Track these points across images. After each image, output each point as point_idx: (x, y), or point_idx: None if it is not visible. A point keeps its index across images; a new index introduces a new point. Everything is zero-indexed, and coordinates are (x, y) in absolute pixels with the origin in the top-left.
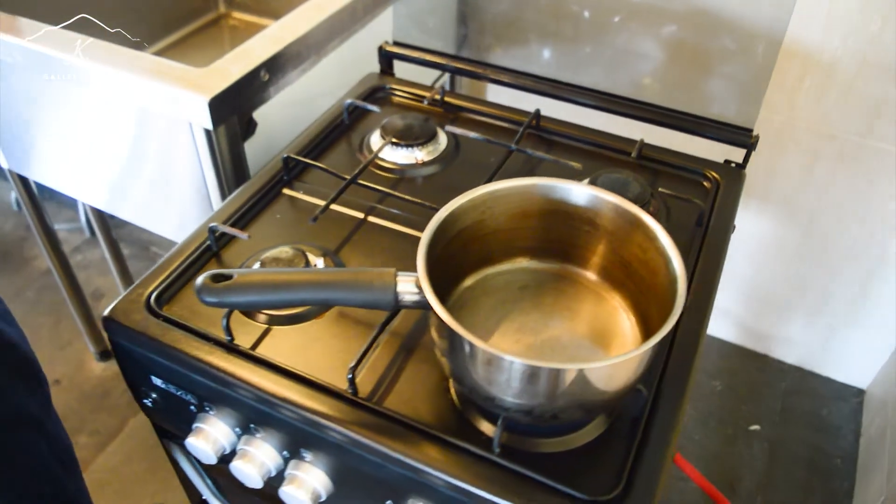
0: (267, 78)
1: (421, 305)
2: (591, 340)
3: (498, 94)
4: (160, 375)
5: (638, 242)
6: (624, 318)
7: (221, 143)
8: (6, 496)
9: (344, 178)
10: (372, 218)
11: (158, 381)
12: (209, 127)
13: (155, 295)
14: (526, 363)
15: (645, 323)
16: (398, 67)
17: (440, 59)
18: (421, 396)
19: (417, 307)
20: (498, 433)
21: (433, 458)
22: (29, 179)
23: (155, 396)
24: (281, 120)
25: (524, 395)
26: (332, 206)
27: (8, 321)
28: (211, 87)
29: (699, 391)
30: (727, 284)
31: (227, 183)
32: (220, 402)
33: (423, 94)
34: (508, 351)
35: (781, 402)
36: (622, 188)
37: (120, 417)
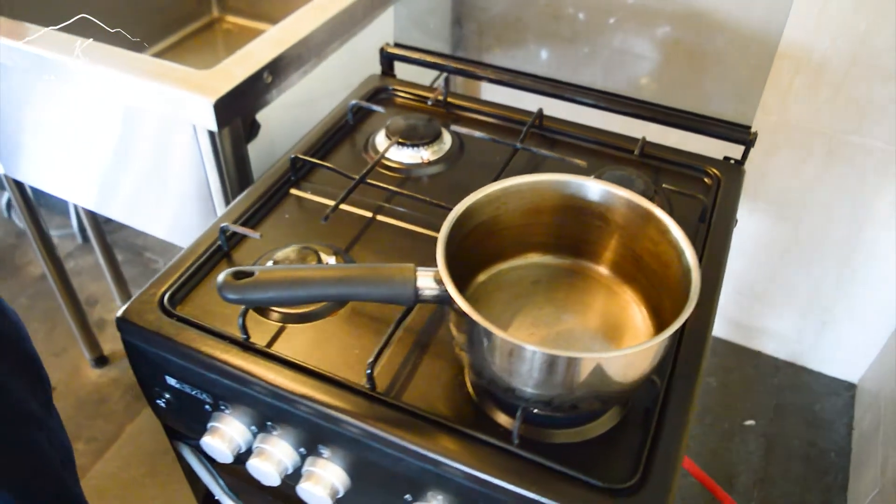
0: (270, 80)
1: (440, 300)
2: (604, 333)
3: (494, 94)
4: (175, 375)
5: (649, 236)
6: (636, 310)
7: (225, 145)
8: (12, 493)
9: (352, 177)
10: (381, 217)
11: (173, 380)
12: (214, 129)
13: (168, 295)
14: (549, 353)
15: (657, 315)
16: (396, 68)
17: (441, 60)
18: (437, 391)
19: (436, 301)
20: (517, 424)
21: (452, 450)
22: (24, 184)
23: (168, 397)
24: (281, 122)
25: (545, 385)
26: (340, 205)
27: (9, 318)
28: (216, 89)
29: None
30: None
31: (230, 185)
32: (236, 400)
33: (425, 94)
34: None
35: (775, 397)
36: (627, 185)
37: (117, 423)
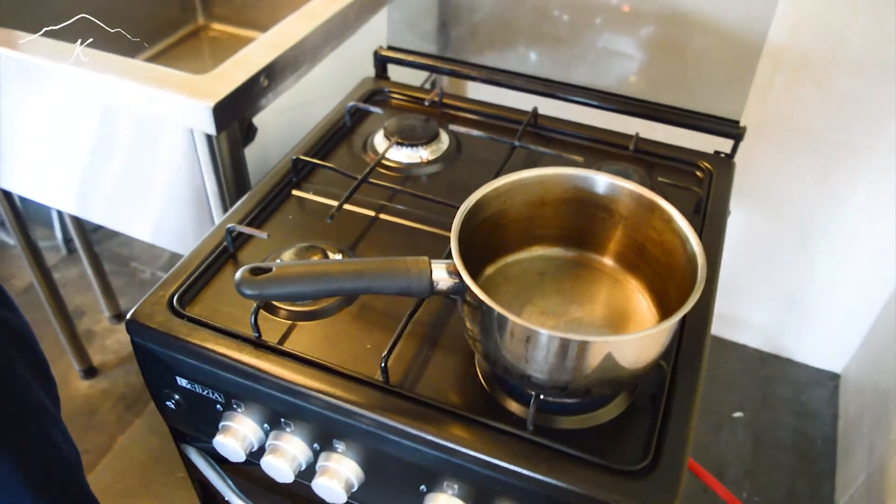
0: (266, 84)
1: (454, 290)
2: (611, 322)
3: (482, 95)
4: (186, 375)
5: (653, 226)
6: (641, 299)
7: (223, 148)
8: (36, 489)
9: (354, 177)
10: (383, 215)
11: (184, 381)
12: (213, 132)
13: (177, 296)
14: (567, 337)
15: (662, 303)
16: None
17: (435, 62)
18: (450, 382)
19: (450, 293)
20: (531, 411)
21: (467, 438)
22: (13, 194)
23: (178, 398)
24: (275, 126)
25: (560, 370)
26: (343, 205)
27: (20, 319)
28: (214, 92)
29: None
30: None
31: (227, 189)
32: (249, 398)
33: (420, 96)
34: None
35: (762, 389)
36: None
37: (108, 435)
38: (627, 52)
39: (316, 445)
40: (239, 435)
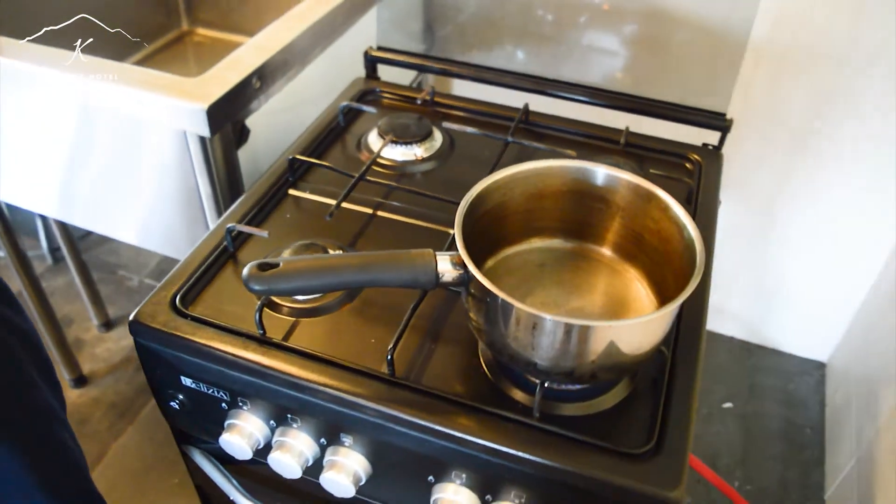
0: (259, 85)
1: (459, 282)
2: (611, 310)
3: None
4: (191, 375)
5: (651, 215)
6: (639, 287)
7: (216, 150)
8: (48, 489)
9: (351, 175)
10: (381, 212)
11: (188, 380)
12: (207, 134)
13: (179, 296)
14: (574, 322)
15: (660, 291)
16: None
17: (425, 61)
18: (454, 373)
19: (455, 284)
20: (538, 399)
21: (474, 427)
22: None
23: (182, 398)
24: (266, 127)
25: (566, 356)
26: (340, 204)
27: (28, 323)
28: (207, 95)
29: None
30: None
31: (221, 190)
32: (255, 395)
33: (412, 95)
34: None
35: (749, 379)
36: None
37: (101, 443)
38: (613, 49)
39: (323, 440)
40: (245, 432)
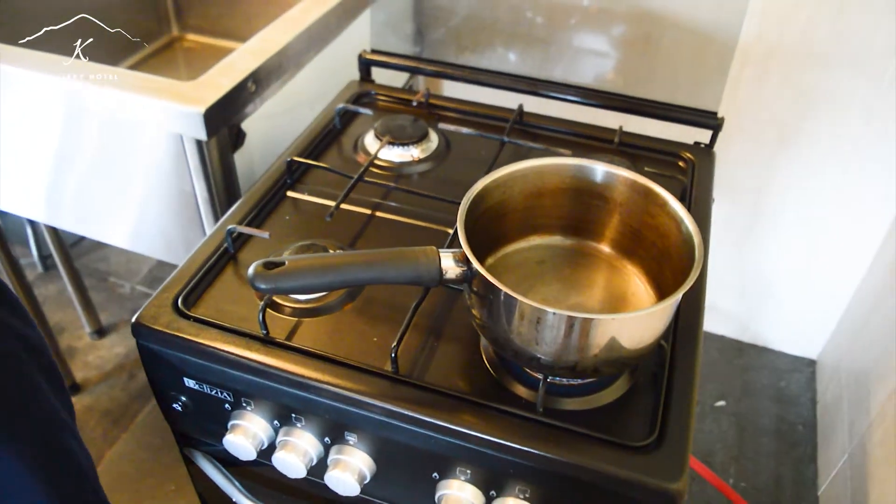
0: (254, 89)
1: (462, 278)
2: (611, 305)
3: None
4: (194, 376)
5: (648, 211)
6: (638, 283)
7: (213, 153)
8: (57, 499)
9: (350, 177)
10: (379, 213)
11: (192, 382)
12: (203, 138)
13: (182, 298)
14: (578, 316)
15: (658, 286)
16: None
17: (419, 63)
18: (457, 370)
19: (458, 281)
20: (541, 394)
21: (479, 423)
22: None
23: (185, 400)
24: (260, 131)
25: (569, 350)
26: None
27: (37, 333)
28: (204, 98)
29: None
30: None
31: (217, 194)
32: (259, 395)
33: (407, 97)
34: None
35: (741, 377)
36: None
37: (95, 451)
38: (604, 50)
39: (327, 439)
40: (249, 433)
